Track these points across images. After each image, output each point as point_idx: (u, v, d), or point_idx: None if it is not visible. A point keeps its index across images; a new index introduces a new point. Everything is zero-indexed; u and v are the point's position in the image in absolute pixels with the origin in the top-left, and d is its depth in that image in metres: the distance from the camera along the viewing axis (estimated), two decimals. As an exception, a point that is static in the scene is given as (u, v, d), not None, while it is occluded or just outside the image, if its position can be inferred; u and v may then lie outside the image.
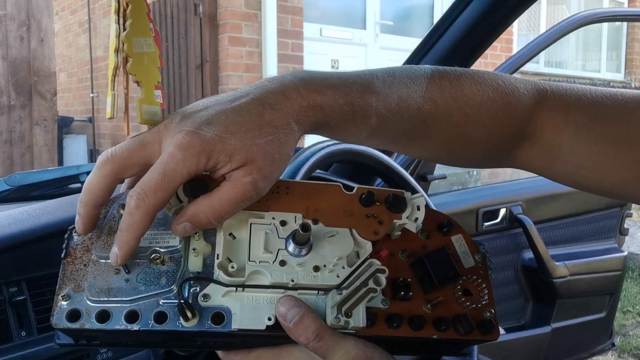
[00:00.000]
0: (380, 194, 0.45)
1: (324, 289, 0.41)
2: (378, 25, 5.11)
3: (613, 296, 1.85)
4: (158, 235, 0.42)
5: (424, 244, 0.47)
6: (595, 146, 0.52)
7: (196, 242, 0.42)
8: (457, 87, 0.48)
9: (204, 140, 0.38)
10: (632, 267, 3.81)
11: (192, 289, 0.41)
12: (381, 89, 0.45)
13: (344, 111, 0.43)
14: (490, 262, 0.47)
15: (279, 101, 0.40)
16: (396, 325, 0.43)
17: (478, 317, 0.45)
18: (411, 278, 0.45)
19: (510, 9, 1.14)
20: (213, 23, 4.15)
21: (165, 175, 0.38)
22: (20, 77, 3.95)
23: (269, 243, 0.42)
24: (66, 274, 0.41)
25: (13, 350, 0.75)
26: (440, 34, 1.22)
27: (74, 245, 0.42)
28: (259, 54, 4.21)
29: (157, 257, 0.42)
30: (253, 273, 0.41)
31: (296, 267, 0.41)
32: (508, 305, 1.75)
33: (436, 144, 0.51)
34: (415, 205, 0.45)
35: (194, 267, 0.42)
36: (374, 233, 0.44)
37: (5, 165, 3.95)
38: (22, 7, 3.97)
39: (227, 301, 0.41)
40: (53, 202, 0.97)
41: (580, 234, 1.84)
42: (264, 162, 0.39)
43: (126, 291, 0.40)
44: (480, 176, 5.11)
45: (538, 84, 0.53)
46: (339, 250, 0.42)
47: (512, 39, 5.97)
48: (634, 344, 2.80)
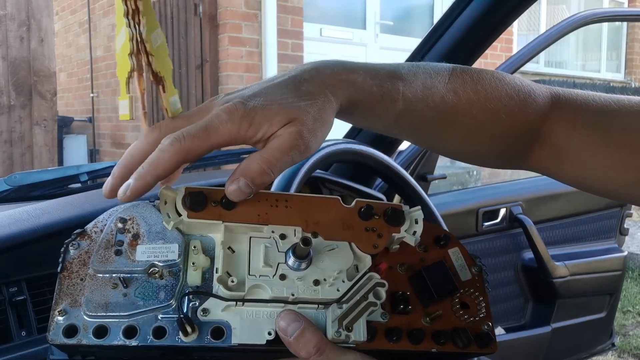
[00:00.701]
0: (379, 207, 0.45)
1: (325, 303, 0.41)
2: (378, 25, 5.11)
3: (613, 296, 1.85)
4: (157, 248, 0.42)
5: (422, 257, 0.47)
6: (600, 149, 0.53)
7: (195, 256, 0.42)
8: (478, 82, 0.50)
9: (248, 108, 0.40)
10: (632, 267, 3.81)
11: (192, 304, 0.41)
12: (407, 76, 0.47)
13: (373, 92, 0.45)
14: (487, 275, 0.48)
15: (314, 75, 0.43)
16: (396, 339, 0.43)
17: (475, 330, 0.45)
18: (410, 291, 0.45)
19: (510, 9, 1.14)
20: (213, 23, 4.15)
21: (207, 128, 0.40)
22: (20, 77, 3.95)
23: (269, 257, 0.41)
24: (62, 289, 0.41)
25: (13, 350, 0.75)
26: (440, 34, 1.22)
27: (70, 259, 0.42)
28: (259, 54, 4.21)
29: (156, 272, 0.41)
30: (253, 287, 0.40)
31: (296, 281, 0.41)
32: (508, 305, 1.75)
33: (458, 136, 0.53)
34: (414, 219, 0.45)
35: (193, 282, 0.41)
36: (373, 246, 0.44)
37: (5, 165, 3.95)
38: (22, 7, 3.97)
39: (227, 316, 0.40)
40: (53, 202, 0.97)
41: (580, 234, 1.84)
42: (307, 117, 0.41)
43: (124, 306, 0.40)
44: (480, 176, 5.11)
45: (551, 88, 0.55)
46: (339, 263, 0.42)
47: (512, 39, 5.97)
48: (634, 344, 2.80)
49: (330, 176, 1.26)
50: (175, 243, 0.42)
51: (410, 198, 1.10)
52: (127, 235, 0.43)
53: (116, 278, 0.41)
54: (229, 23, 4.10)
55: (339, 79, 0.44)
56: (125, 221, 0.43)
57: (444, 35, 1.22)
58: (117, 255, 0.42)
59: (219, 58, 4.16)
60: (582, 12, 1.57)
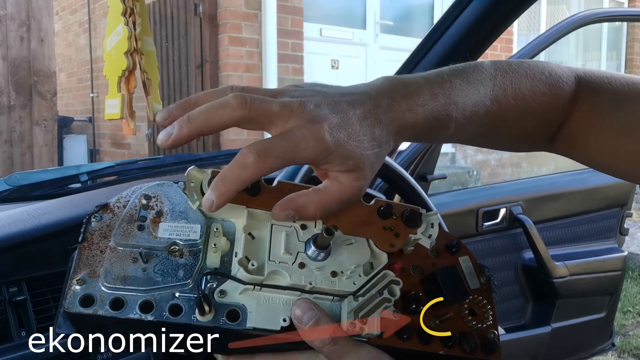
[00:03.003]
0: (397, 207, 0.46)
1: (341, 295, 0.42)
2: (378, 25, 5.11)
3: (613, 296, 1.85)
4: (179, 227, 0.42)
5: (434, 262, 0.48)
6: (613, 132, 0.54)
7: (216, 238, 0.42)
8: (516, 86, 0.51)
9: (332, 140, 0.40)
10: (632, 267, 3.81)
11: (209, 284, 0.41)
12: (459, 98, 0.47)
13: (429, 126, 0.46)
14: (495, 285, 0.48)
15: (386, 120, 0.43)
16: (406, 337, 0.43)
17: (482, 337, 0.46)
18: (421, 293, 0.46)
19: (510, 9, 1.14)
20: (213, 23, 4.15)
21: (293, 149, 0.39)
22: (20, 77, 3.95)
23: (290, 244, 0.42)
24: (82, 259, 0.41)
25: (13, 350, 0.75)
26: (440, 34, 1.22)
27: (92, 230, 0.42)
28: (259, 54, 4.21)
29: (176, 250, 0.41)
30: (272, 273, 0.41)
31: (315, 270, 0.41)
32: (508, 305, 1.75)
33: (499, 140, 0.55)
34: (430, 223, 0.46)
35: (213, 263, 0.42)
36: (390, 245, 0.44)
37: (5, 165, 3.95)
38: (22, 7, 3.96)
39: (244, 299, 0.41)
40: (53, 202, 0.97)
41: (580, 234, 1.84)
42: (370, 170, 0.42)
43: (142, 281, 0.40)
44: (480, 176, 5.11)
45: (575, 70, 0.55)
46: (357, 258, 0.43)
47: (512, 39, 5.97)
48: (634, 344, 2.80)
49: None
50: (198, 224, 0.43)
51: (410, 198, 1.10)
52: (151, 212, 0.43)
53: (136, 252, 0.41)
54: (229, 23, 4.10)
55: (404, 126, 0.44)
56: (149, 198, 0.43)
57: (443, 36, 1.22)
58: (140, 230, 0.42)
59: (219, 58, 4.16)
60: (582, 12, 1.57)
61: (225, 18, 4.11)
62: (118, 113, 0.44)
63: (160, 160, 1.42)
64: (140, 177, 1.30)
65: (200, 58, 4.16)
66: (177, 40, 4.28)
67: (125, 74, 0.43)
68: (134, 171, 1.34)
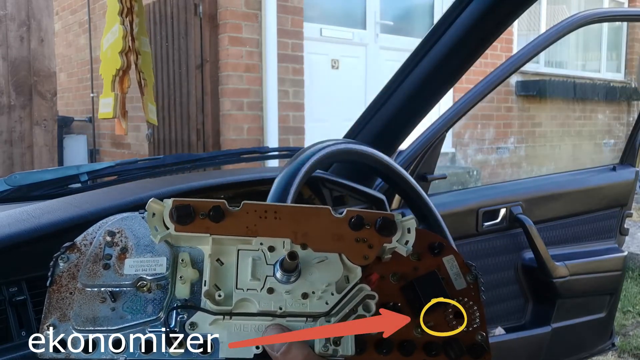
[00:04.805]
0: (370, 216, 0.44)
1: (313, 316, 0.41)
2: (378, 25, 5.11)
3: (613, 296, 1.85)
4: (144, 262, 0.42)
5: (415, 266, 0.46)
6: None
7: (183, 269, 0.41)
8: None
9: None
10: (632, 267, 3.80)
11: (180, 317, 0.41)
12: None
13: None
14: (482, 284, 0.47)
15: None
16: (386, 351, 0.42)
17: (469, 341, 0.45)
18: (401, 302, 0.44)
19: (510, 9, 1.14)
20: (213, 23, 4.15)
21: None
22: (20, 77, 3.95)
23: (257, 270, 0.41)
24: (52, 303, 0.41)
25: (13, 350, 0.75)
26: (440, 34, 1.22)
27: (60, 272, 0.42)
28: (259, 54, 4.21)
29: (144, 285, 0.41)
30: (240, 301, 0.40)
31: (284, 294, 0.40)
32: (508, 305, 1.74)
33: None
34: (406, 228, 0.44)
35: (181, 295, 0.41)
36: (363, 258, 0.43)
37: (5, 165, 3.95)
38: (22, 7, 3.96)
39: (215, 329, 0.40)
40: (53, 202, 0.97)
41: (580, 234, 1.84)
42: None
43: (112, 320, 0.40)
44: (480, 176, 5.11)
45: None
46: (328, 276, 0.42)
47: (512, 39, 5.96)
48: (634, 344, 2.80)
49: (331, 176, 1.26)
50: (164, 256, 0.42)
51: (410, 198, 1.10)
52: (116, 249, 0.42)
53: (104, 292, 0.41)
54: (229, 23, 4.10)
55: None
56: (113, 234, 0.43)
57: (443, 36, 1.22)
58: (105, 269, 0.42)
59: (219, 58, 4.16)
60: (582, 12, 1.57)
61: (225, 18, 4.11)
62: (111, 112, 0.44)
63: (160, 160, 1.42)
64: (140, 177, 1.30)
65: (200, 58, 4.16)
66: (177, 40, 4.28)
67: (119, 73, 0.43)
68: (134, 171, 1.34)
